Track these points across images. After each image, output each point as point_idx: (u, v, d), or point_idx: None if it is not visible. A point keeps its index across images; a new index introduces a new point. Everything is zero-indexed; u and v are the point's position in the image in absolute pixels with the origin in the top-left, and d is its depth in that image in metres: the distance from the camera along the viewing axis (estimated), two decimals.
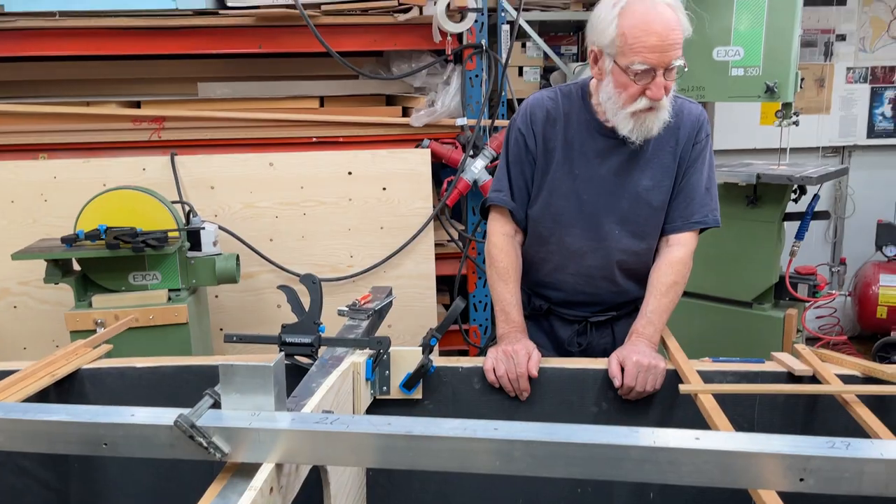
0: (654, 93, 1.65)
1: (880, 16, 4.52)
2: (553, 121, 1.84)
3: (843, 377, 1.65)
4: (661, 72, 1.64)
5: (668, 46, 1.61)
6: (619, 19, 1.63)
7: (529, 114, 1.86)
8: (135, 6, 2.93)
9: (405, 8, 3.06)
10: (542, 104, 1.86)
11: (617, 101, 1.69)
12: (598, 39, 1.69)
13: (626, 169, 1.82)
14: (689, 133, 1.82)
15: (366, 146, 3.21)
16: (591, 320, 1.95)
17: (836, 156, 4.72)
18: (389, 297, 2.03)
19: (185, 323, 2.60)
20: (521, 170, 1.88)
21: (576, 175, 1.83)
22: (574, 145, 1.83)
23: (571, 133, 1.82)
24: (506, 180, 1.90)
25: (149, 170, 3.04)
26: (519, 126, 1.87)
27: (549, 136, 1.84)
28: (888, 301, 4.07)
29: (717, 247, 2.85)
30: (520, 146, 1.87)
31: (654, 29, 1.60)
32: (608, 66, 1.68)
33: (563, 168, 1.83)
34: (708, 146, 1.86)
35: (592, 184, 1.83)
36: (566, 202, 1.85)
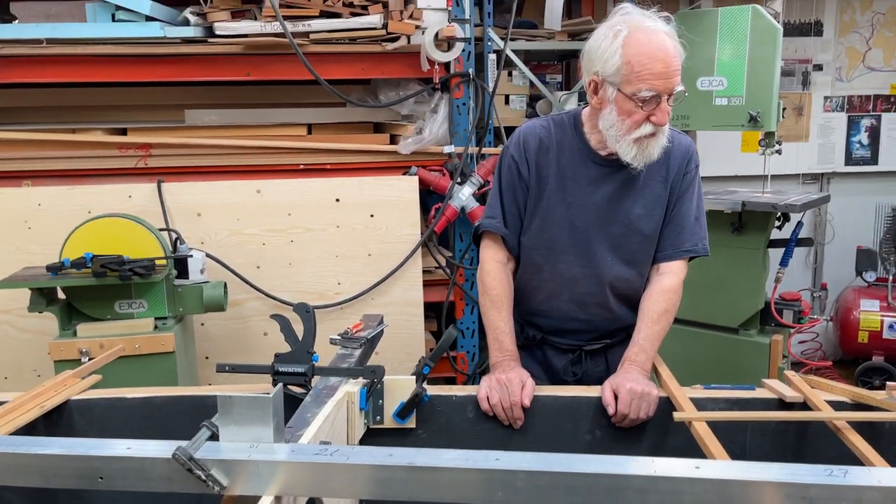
0: (660, 118, 1.69)
1: (856, 46, 4.64)
2: (546, 149, 1.86)
3: (834, 403, 1.66)
4: (666, 97, 1.68)
5: (673, 73, 1.66)
6: (624, 49, 1.65)
7: (522, 142, 1.88)
8: (123, 34, 2.93)
9: (393, 37, 3.09)
10: (534, 132, 1.88)
11: (620, 129, 1.71)
12: (600, 69, 1.70)
13: (618, 197, 1.84)
14: (680, 163, 1.85)
15: (353, 173, 3.22)
16: (586, 349, 1.96)
17: (815, 182, 4.81)
18: (381, 325, 2.02)
19: (172, 352, 2.57)
20: (514, 197, 1.89)
21: (569, 202, 1.85)
22: (567, 173, 1.85)
23: (564, 161, 1.84)
24: (499, 207, 1.91)
25: (135, 197, 3.02)
26: (512, 153, 1.89)
27: (542, 163, 1.86)
28: (869, 326, 4.12)
29: (704, 273, 2.87)
30: (513, 173, 1.88)
31: (659, 56, 1.64)
32: (611, 95, 1.70)
33: (556, 195, 1.85)
34: (697, 176, 1.90)
35: (585, 211, 1.84)
36: (559, 229, 1.86)
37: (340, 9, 3.06)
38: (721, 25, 2.72)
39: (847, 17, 4.59)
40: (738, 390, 1.76)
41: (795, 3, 4.50)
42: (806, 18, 4.54)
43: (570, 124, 1.87)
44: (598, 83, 1.73)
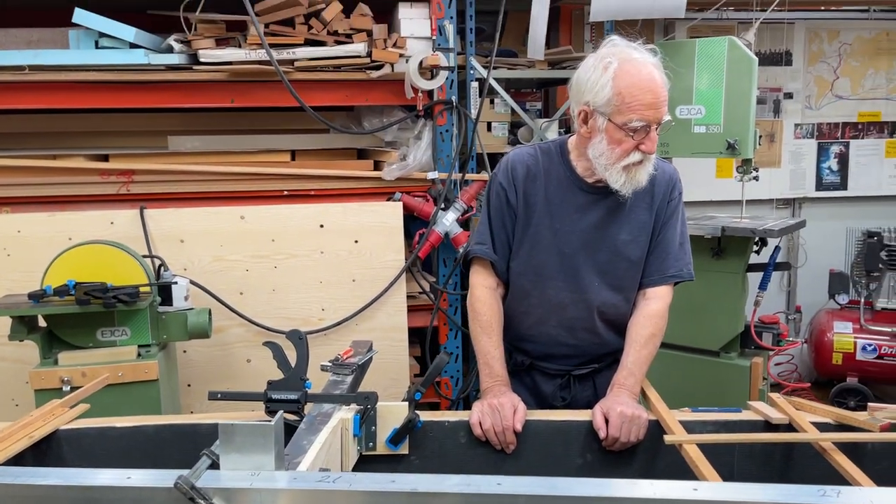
0: (648, 147, 1.74)
1: (824, 76, 4.78)
2: (534, 176, 1.89)
3: (818, 425, 1.70)
4: (654, 127, 1.73)
5: (661, 104, 1.72)
6: (615, 80, 1.70)
7: (511, 169, 1.91)
8: (106, 61, 2.92)
9: (377, 65, 3.13)
10: (522, 160, 1.91)
11: (610, 157, 1.76)
12: (591, 100, 1.75)
13: (604, 223, 1.88)
14: (665, 191, 1.90)
15: (337, 199, 3.23)
16: (574, 373, 1.98)
17: (787, 207, 4.92)
18: (370, 351, 2.02)
19: (156, 380, 2.54)
20: (503, 223, 1.92)
21: (556, 229, 1.88)
22: (554, 200, 1.88)
23: (552, 188, 1.88)
24: (488, 233, 1.94)
25: (116, 223, 3.00)
26: (500, 181, 1.92)
27: (530, 191, 1.89)
28: (843, 348, 4.20)
29: (685, 297, 2.91)
30: (501, 200, 1.91)
31: (648, 88, 1.70)
32: (601, 125, 1.75)
33: (544, 222, 1.88)
34: (681, 204, 1.95)
35: (573, 237, 1.88)
36: (548, 255, 1.89)
37: (325, 37, 3.09)
38: (699, 56, 2.80)
39: (815, 47, 4.73)
40: (725, 413, 1.79)
41: (766, 34, 4.63)
42: (776, 48, 4.68)
43: (557, 152, 1.91)
44: (589, 113, 1.77)
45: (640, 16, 2.85)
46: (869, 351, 4.15)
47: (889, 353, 4.12)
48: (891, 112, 4.85)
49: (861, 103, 4.82)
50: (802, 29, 4.70)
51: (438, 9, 3.22)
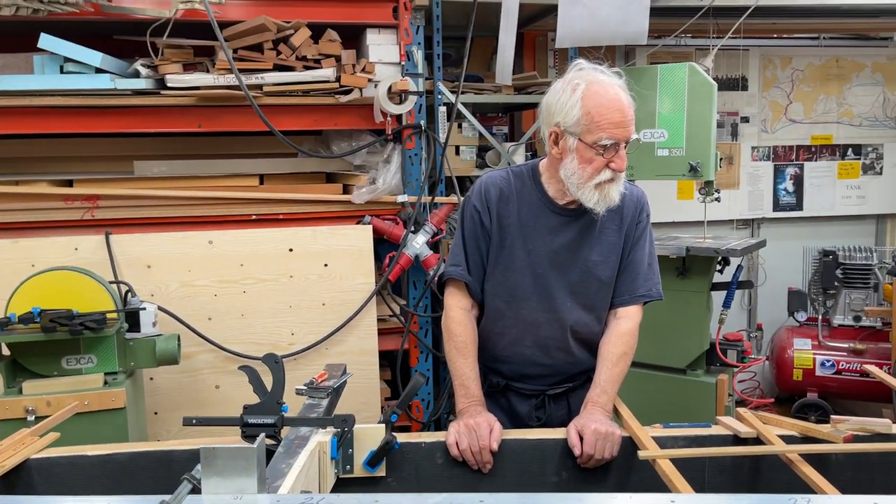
0: (618, 164, 1.80)
1: (778, 100, 4.95)
2: (506, 199, 1.93)
3: (784, 437, 1.75)
4: (623, 145, 1.79)
5: (629, 122, 1.78)
6: (583, 101, 1.76)
7: (484, 192, 1.95)
8: (72, 86, 2.90)
9: (346, 90, 3.16)
10: (495, 183, 1.95)
11: (582, 176, 1.80)
12: (561, 121, 1.80)
13: (576, 244, 1.92)
14: (633, 213, 1.96)
15: (307, 223, 3.23)
16: (548, 393, 2.00)
17: (746, 228, 5.05)
18: (345, 374, 2.03)
19: (123, 408, 2.50)
20: (478, 245, 1.95)
21: (529, 250, 1.92)
22: (527, 222, 1.92)
23: (524, 210, 1.92)
24: (462, 255, 1.96)
25: (81, 249, 2.95)
26: (474, 203, 1.96)
27: (503, 213, 1.93)
28: (803, 364, 4.31)
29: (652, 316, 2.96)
30: (475, 222, 1.95)
31: (616, 107, 1.76)
32: (572, 145, 1.80)
33: (517, 243, 1.92)
34: (649, 225, 2.00)
35: (546, 258, 1.92)
36: (521, 276, 1.92)
37: (294, 62, 3.11)
38: (661, 81, 2.89)
39: (769, 73, 4.90)
40: (695, 428, 1.83)
41: (723, 60, 4.79)
42: (733, 74, 4.83)
43: (529, 175, 1.96)
44: (559, 134, 1.82)
45: (603, 43, 2.93)
46: (828, 366, 4.26)
47: (847, 369, 4.23)
48: (842, 135, 5.03)
49: (814, 127, 5.00)
50: (757, 56, 4.87)
51: (406, 35, 3.27)
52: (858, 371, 4.22)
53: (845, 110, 5.01)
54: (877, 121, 5.04)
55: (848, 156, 5.06)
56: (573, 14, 2.75)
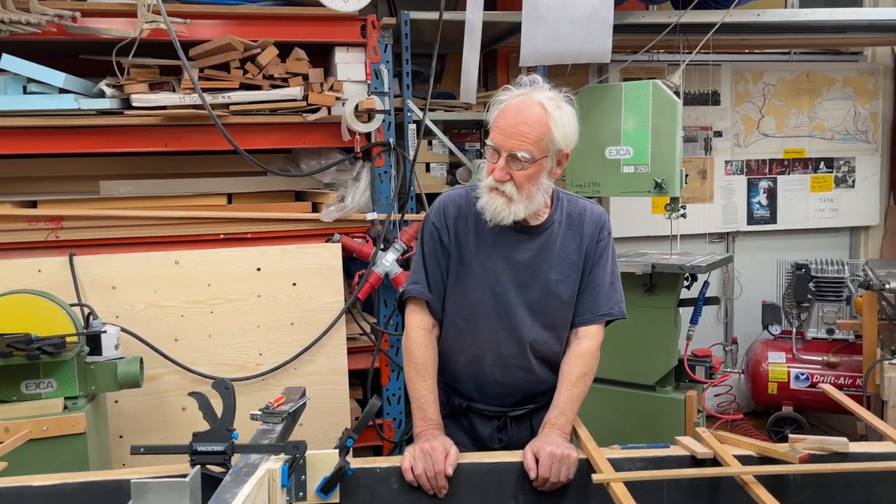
0: (496, 173, 1.81)
1: (750, 115, 4.98)
2: (465, 216, 1.94)
3: (741, 458, 1.74)
4: (505, 156, 1.79)
5: (514, 134, 1.78)
6: (500, 104, 1.83)
7: (442, 209, 1.96)
8: (35, 106, 2.87)
9: (314, 108, 3.15)
10: (454, 201, 1.97)
11: (483, 175, 1.88)
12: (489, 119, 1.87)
13: (535, 262, 1.92)
14: (593, 232, 1.96)
15: (275, 242, 3.21)
16: (510, 414, 1.99)
17: (721, 241, 5.07)
18: (303, 397, 2.01)
19: (83, 433, 2.46)
20: (438, 263, 1.95)
21: (488, 268, 1.92)
22: (486, 239, 1.92)
23: (483, 228, 1.92)
24: (422, 273, 1.96)
25: (45, 271, 2.91)
26: (433, 221, 1.97)
27: (462, 231, 1.93)
28: (777, 377, 4.32)
29: (620, 333, 2.96)
30: (434, 240, 1.95)
31: (507, 115, 1.79)
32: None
33: (476, 261, 1.92)
34: (610, 243, 2.00)
35: (505, 276, 1.92)
36: (481, 293, 1.92)
37: (260, 81, 3.10)
38: (625, 99, 2.90)
39: (741, 87, 4.94)
40: (653, 449, 1.82)
41: (695, 75, 4.82)
42: (704, 89, 4.87)
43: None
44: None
45: (566, 61, 2.94)
46: (802, 380, 4.27)
47: (821, 382, 4.24)
48: (814, 149, 5.07)
49: (786, 141, 5.04)
50: (729, 70, 4.90)
51: (375, 53, 3.27)
52: (833, 384, 4.22)
53: (817, 124, 5.06)
54: (848, 134, 5.09)
55: (820, 169, 5.10)
56: (536, 32, 2.76)
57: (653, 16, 3.75)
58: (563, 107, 1.82)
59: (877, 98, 5.07)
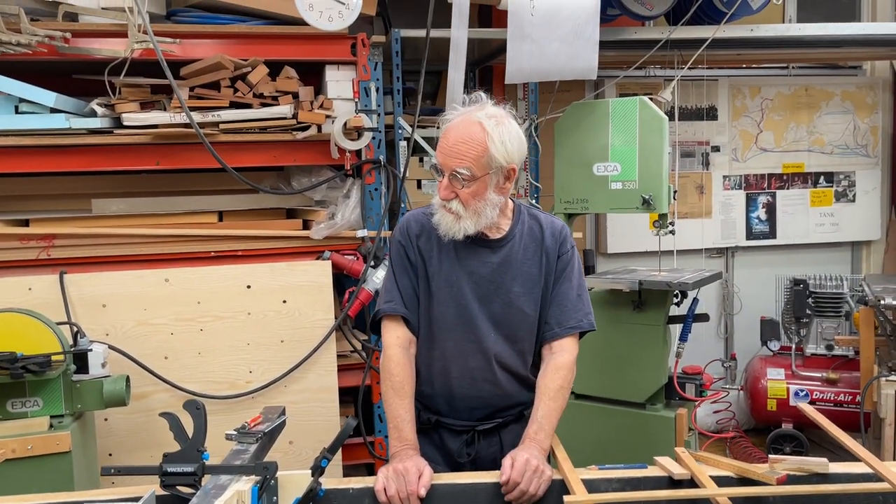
0: (440, 192, 1.87)
1: (748, 129, 4.97)
2: (427, 233, 1.97)
3: (719, 479, 1.72)
4: (447, 174, 1.84)
5: (453, 153, 1.83)
6: (445, 124, 1.88)
7: (406, 227, 2.01)
8: (27, 126, 2.90)
9: (304, 126, 3.16)
10: (416, 219, 2.01)
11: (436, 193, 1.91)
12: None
13: (497, 275, 1.94)
14: (553, 246, 1.98)
15: (265, 259, 3.21)
16: (478, 429, 1.99)
17: (720, 257, 5.04)
18: (282, 416, 1.99)
19: (68, 452, 2.46)
20: (409, 278, 1.98)
21: (452, 281, 1.94)
22: (449, 254, 1.95)
23: (444, 243, 1.94)
24: (395, 290, 1.98)
25: (35, 290, 2.93)
26: (399, 239, 2.01)
27: (425, 247, 1.97)
28: (776, 394, 4.27)
29: (609, 350, 2.96)
30: (402, 257, 1.99)
31: (449, 135, 1.85)
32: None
33: (440, 275, 1.95)
34: (574, 256, 2.02)
35: (468, 289, 1.94)
36: (445, 307, 1.94)
37: (250, 99, 3.12)
38: (613, 115, 2.90)
39: (738, 102, 4.93)
40: (630, 469, 1.80)
41: (692, 90, 4.82)
42: (701, 104, 4.86)
43: None
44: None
45: (552, 78, 2.95)
46: (801, 396, 4.22)
47: (821, 398, 4.20)
48: (813, 163, 5.05)
49: (785, 155, 5.02)
50: (726, 85, 4.90)
51: (364, 71, 3.28)
52: (832, 401, 4.19)
53: (816, 138, 5.04)
54: (848, 148, 5.07)
55: (820, 183, 5.08)
56: (522, 50, 2.76)
57: (645, 32, 3.76)
58: (505, 124, 1.85)
59: (876, 112, 5.05)
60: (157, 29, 2.91)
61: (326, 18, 2.87)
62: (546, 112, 3.84)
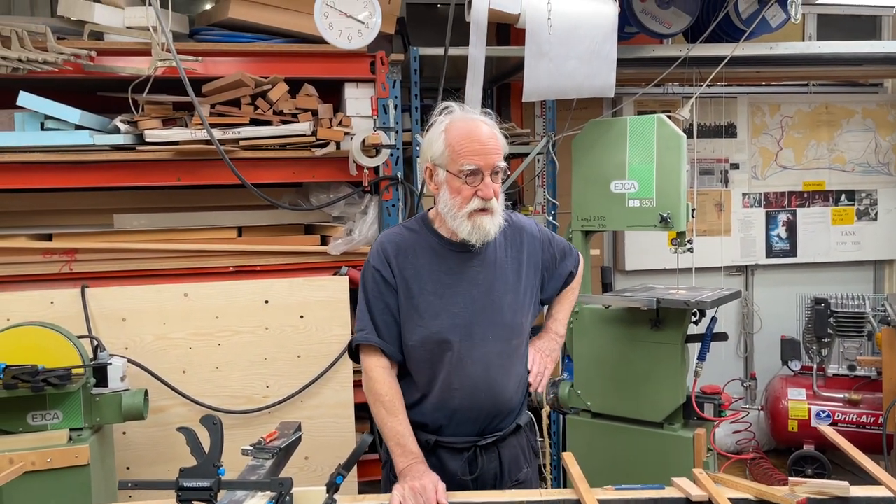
0: (485, 192, 1.86)
1: (768, 147, 4.94)
2: (405, 251, 1.97)
3: (737, 501, 1.70)
4: (489, 173, 1.85)
5: (490, 150, 1.86)
6: (446, 134, 1.88)
7: (382, 250, 1.99)
8: (52, 142, 2.95)
9: (322, 143, 3.19)
10: (391, 240, 2.01)
11: (454, 206, 1.88)
12: (430, 156, 1.92)
13: (483, 277, 1.96)
14: (527, 240, 2.07)
15: (283, 274, 3.24)
16: (479, 444, 1.98)
17: (740, 275, 5.00)
18: (298, 432, 2.01)
19: (86, 465, 2.48)
20: (385, 304, 1.96)
21: (441, 293, 1.94)
22: (432, 267, 1.95)
23: (426, 258, 1.95)
24: (368, 320, 1.97)
25: (57, 303, 2.97)
26: (374, 265, 1.98)
27: (404, 265, 1.96)
28: (798, 414, 4.21)
29: (626, 368, 2.94)
30: (378, 282, 1.97)
31: (476, 136, 1.86)
32: (442, 177, 1.90)
33: (426, 290, 1.94)
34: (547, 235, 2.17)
35: (458, 298, 1.94)
36: (440, 320, 1.93)
37: (271, 116, 3.16)
38: (630, 133, 2.89)
39: (758, 119, 4.91)
40: (647, 490, 1.78)
41: (710, 107, 4.81)
42: (719, 121, 4.84)
43: (421, 224, 2.02)
44: (432, 168, 1.93)
45: (570, 96, 2.95)
46: (823, 417, 4.16)
47: (843, 420, 4.13)
48: (834, 181, 5.01)
49: (805, 173, 4.98)
50: (745, 102, 4.88)
51: (383, 88, 3.31)
52: (855, 422, 4.12)
53: (837, 156, 5.00)
54: (869, 166, 5.02)
55: (841, 201, 5.03)
56: (539, 68, 2.77)
57: (663, 49, 3.76)
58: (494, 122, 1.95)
59: None
60: (180, 47, 2.96)
61: (346, 37, 2.91)
62: (563, 129, 3.84)
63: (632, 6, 3.46)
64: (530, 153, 3.55)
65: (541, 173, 4.01)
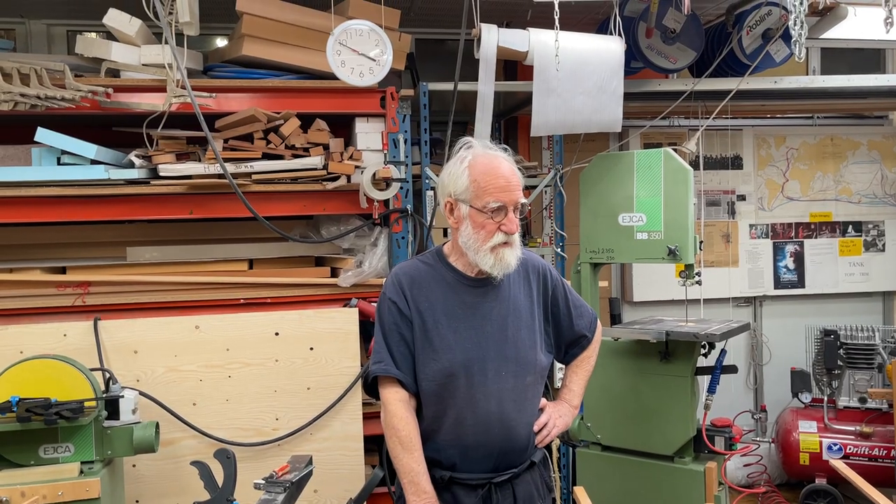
0: (509, 227, 1.90)
1: (774, 178, 4.97)
2: (419, 284, 1.99)
3: None
4: (511, 208, 1.90)
5: (513, 187, 1.91)
6: (470, 170, 1.92)
7: (398, 283, 2.02)
8: (68, 177, 3.00)
9: (333, 177, 3.23)
10: (406, 272, 2.04)
11: (477, 240, 1.91)
12: (452, 191, 1.95)
13: (497, 312, 1.99)
14: (537, 280, 2.09)
15: (293, 306, 3.25)
16: (494, 481, 1.98)
17: (748, 306, 5.00)
18: (309, 466, 2.02)
19: (97, 498, 2.48)
20: (401, 336, 1.98)
21: (455, 327, 1.96)
22: (448, 300, 1.97)
23: (440, 291, 1.98)
24: (385, 352, 1.98)
25: (70, 336, 2.99)
26: (390, 297, 2.01)
27: (419, 298, 1.98)
28: (809, 447, 4.18)
29: (636, 401, 2.94)
30: (394, 314, 1.99)
31: (500, 173, 1.91)
32: (465, 212, 1.93)
33: (441, 322, 1.96)
34: (560, 282, 2.17)
35: (472, 332, 1.96)
36: (453, 354, 1.95)
37: (283, 151, 3.21)
38: (638, 166, 2.93)
39: (763, 152, 4.95)
40: None
41: (716, 139, 4.85)
42: (725, 153, 4.88)
43: (436, 259, 2.05)
44: (453, 203, 1.96)
45: (577, 131, 2.99)
46: (835, 450, 4.12)
47: (855, 453, 4.10)
48: (841, 212, 5.03)
49: (812, 204, 5.00)
50: (751, 135, 4.93)
51: (393, 123, 3.36)
52: (867, 455, 4.09)
53: (843, 188, 5.02)
54: (876, 198, 5.04)
55: (848, 233, 5.04)
56: (547, 104, 2.82)
57: (669, 84, 3.81)
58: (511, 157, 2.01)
59: None
60: (195, 83, 3.02)
61: (357, 74, 2.96)
62: (571, 162, 3.88)
63: (638, 42, 3.52)
64: (538, 185, 3.58)
65: (549, 205, 4.04)
